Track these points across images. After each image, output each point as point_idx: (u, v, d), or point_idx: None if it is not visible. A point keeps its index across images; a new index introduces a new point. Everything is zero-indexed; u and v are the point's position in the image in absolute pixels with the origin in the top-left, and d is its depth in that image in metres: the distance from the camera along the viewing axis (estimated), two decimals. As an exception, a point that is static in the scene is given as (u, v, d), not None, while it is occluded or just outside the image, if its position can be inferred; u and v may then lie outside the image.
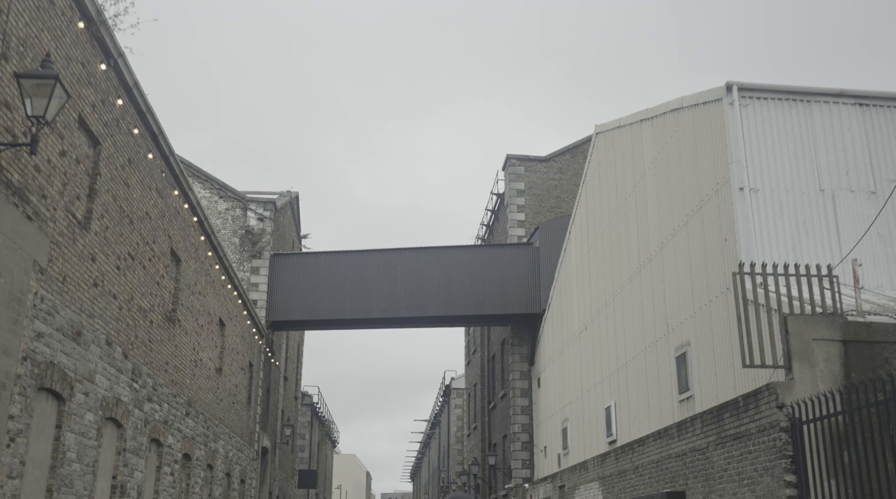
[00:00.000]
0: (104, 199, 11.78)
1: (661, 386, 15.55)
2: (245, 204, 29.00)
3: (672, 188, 15.51)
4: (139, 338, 13.60)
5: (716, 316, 13.13)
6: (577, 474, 19.42)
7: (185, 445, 16.72)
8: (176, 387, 16.03)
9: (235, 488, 22.66)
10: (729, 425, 10.89)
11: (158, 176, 14.51)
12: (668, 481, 13.17)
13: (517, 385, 27.99)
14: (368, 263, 27.98)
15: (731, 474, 10.78)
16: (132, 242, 13.09)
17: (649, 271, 16.61)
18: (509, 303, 27.21)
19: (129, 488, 13.09)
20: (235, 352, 22.34)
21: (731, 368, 12.40)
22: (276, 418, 31.49)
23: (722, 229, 13.07)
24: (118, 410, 12.48)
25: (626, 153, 18.62)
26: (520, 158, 30.92)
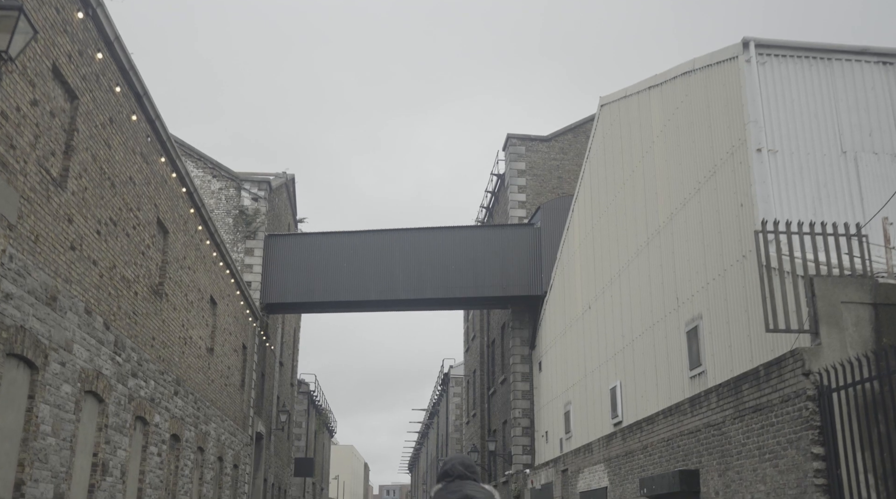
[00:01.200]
0: (82, 157, 11.06)
1: (670, 363, 14.87)
2: (239, 184, 28.27)
3: (682, 156, 14.80)
4: (122, 309, 12.90)
5: (731, 286, 12.45)
6: (581, 456, 18.76)
7: (173, 425, 16.04)
8: (163, 364, 15.34)
9: (228, 473, 22.00)
10: (748, 396, 10.21)
11: (143, 140, 13.79)
12: (681, 460, 12.51)
13: (518, 369, 27.31)
14: (365, 244, 27.26)
15: (751, 449, 10.10)
16: (114, 207, 12.38)
17: (657, 244, 15.92)
18: (510, 285, 26.51)
19: (111, 467, 12.41)
20: (228, 332, 21.65)
21: (748, 339, 11.72)
22: (272, 403, 30.82)
23: (738, 194, 12.37)
24: (99, 383, 11.79)
25: (632, 124, 17.90)
26: (521, 138, 30.19)
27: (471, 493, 4.62)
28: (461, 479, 4.75)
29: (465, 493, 4.63)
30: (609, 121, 19.76)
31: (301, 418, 47.17)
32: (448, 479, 4.80)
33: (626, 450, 15.42)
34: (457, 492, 4.66)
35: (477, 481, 4.79)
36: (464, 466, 4.82)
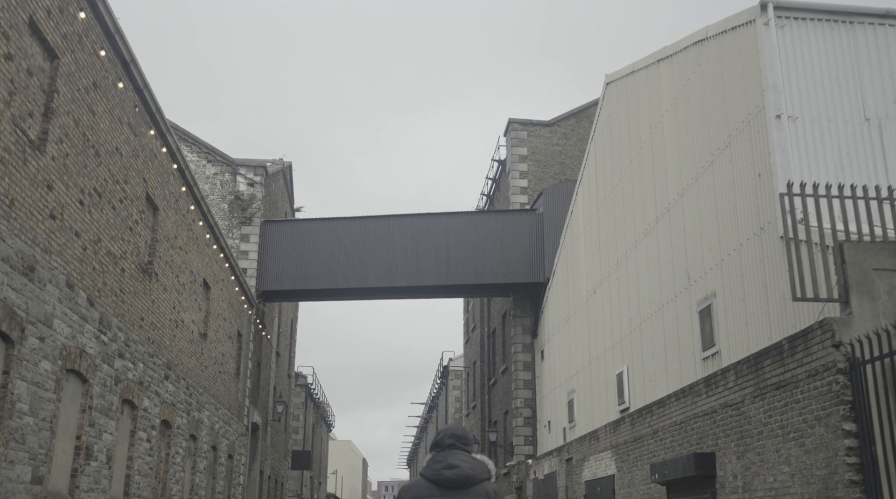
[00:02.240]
0: (63, 121, 10.43)
1: (681, 344, 14.27)
2: (235, 168, 27.64)
3: (694, 129, 14.19)
4: (108, 286, 12.28)
5: (747, 260, 11.84)
6: (587, 444, 18.16)
7: (164, 410, 15.43)
8: (153, 346, 14.72)
9: (223, 463, 21.40)
10: (770, 373, 9.61)
11: (130, 110, 13.16)
12: (695, 443, 11.91)
13: (519, 358, 26.71)
14: (364, 230, 26.63)
15: (773, 429, 9.50)
16: (98, 177, 11.75)
17: (667, 222, 15.31)
18: (511, 272, 25.90)
19: (96, 451, 11.79)
20: (222, 318, 21.03)
21: (766, 315, 11.11)
22: (268, 394, 30.22)
23: (755, 164, 11.76)
24: (82, 362, 11.17)
25: (640, 100, 17.28)
26: (522, 122, 29.56)
27: (455, 462, 4.43)
28: (450, 449, 4.55)
29: (450, 462, 4.44)
30: (615, 99, 19.14)
31: (299, 410, 46.57)
32: (438, 449, 4.61)
33: (634, 436, 14.82)
34: (442, 462, 4.47)
35: (469, 452, 4.57)
36: (454, 436, 4.61)
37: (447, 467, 4.44)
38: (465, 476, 4.40)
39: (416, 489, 4.49)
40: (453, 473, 4.41)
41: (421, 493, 4.46)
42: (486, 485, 4.44)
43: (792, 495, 8.96)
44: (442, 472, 4.43)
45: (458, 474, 4.40)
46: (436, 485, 4.44)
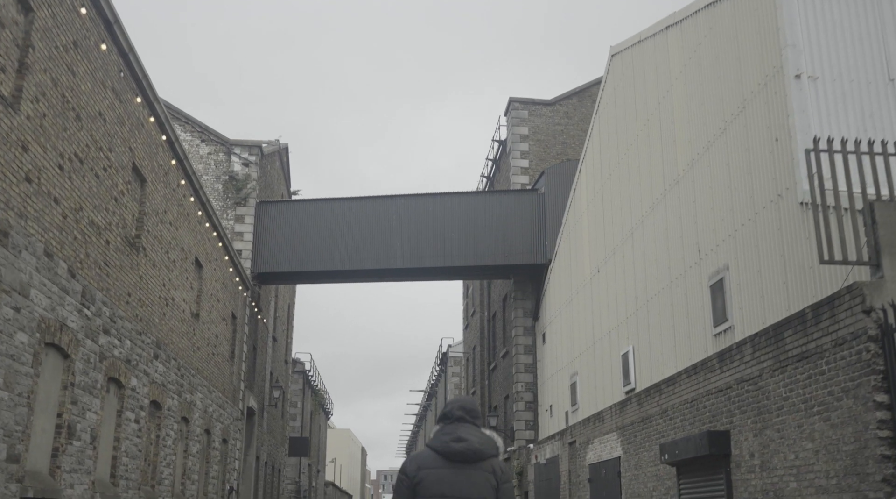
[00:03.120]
0: (39, 79, 9.82)
1: (690, 321, 13.71)
2: (229, 148, 26.99)
3: (705, 96, 13.58)
4: (91, 257, 11.68)
5: (762, 230, 11.26)
6: (591, 426, 17.62)
7: (153, 391, 14.86)
8: (141, 324, 14.14)
9: (217, 448, 20.86)
10: (791, 344, 9.04)
11: (115, 74, 12.53)
12: (707, 422, 11.35)
13: (520, 342, 26.16)
14: (361, 211, 26.02)
15: (795, 403, 8.94)
16: (80, 142, 11.14)
17: (676, 195, 14.72)
18: (512, 253, 25.30)
19: (79, 430, 11.23)
20: (216, 299, 20.45)
21: (783, 286, 10.54)
22: (264, 378, 29.67)
23: (772, 128, 11.16)
24: (63, 336, 10.59)
25: (647, 70, 16.66)
26: (523, 102, 28.91)
27: (464, 435, 4.31)
28: (459, 422, 4.43)
29: (459, 435, 4.32)
30: (620, 71, 18.51)
31: (296, 397, 46.05)
32: (447, 421, 4.48)
33: (642, 416, 14.27)
34: (450, 434, 4.34)
35: (477, 426, 4.46)
36: (463, 409, 4.48)
37: (456, 440, 4.29)
38: (473, 450, 4.26)
39: (421, 459, 4.34)
40: (462, 446, 4.27)
41: (427, 464, 4.31)
42: (493, 461, 4.31)
43: (816, 473, 8.41)
44: (450, 444, 4.29)
45: (467, 448, 4.26)
46: (443, 457, 4.29)
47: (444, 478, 4.25)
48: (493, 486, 4.25)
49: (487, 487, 4.23)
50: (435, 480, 4.25)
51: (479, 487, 4.22)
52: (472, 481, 4.22)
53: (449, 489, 4.22)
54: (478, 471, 4.24)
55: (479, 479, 4.24)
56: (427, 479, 4.24)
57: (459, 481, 4.23)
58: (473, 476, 4.24)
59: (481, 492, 4.22)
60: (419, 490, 4.24)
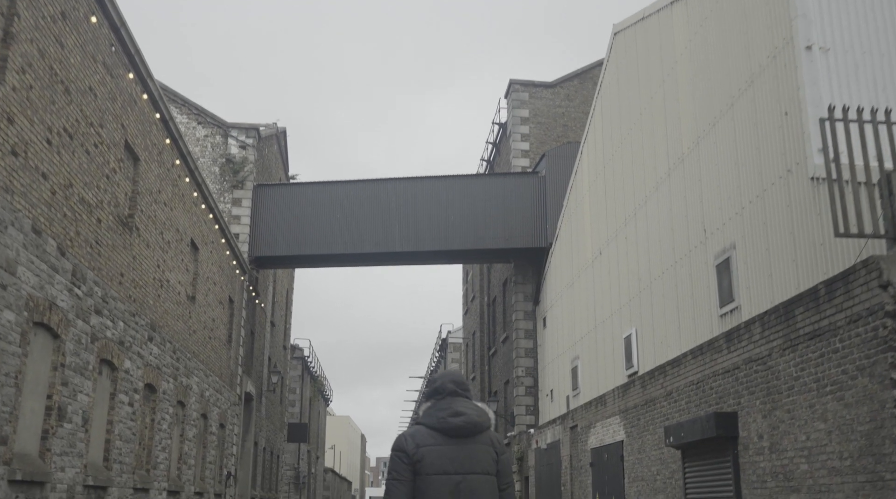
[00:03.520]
0: (25, 49, 9.49)
1: (695, 302, 13.43)
2: (226, 130, 26.65)
3: (712, 71, 13.25)
4: (82, 236, 11.38)
5: (772, 206, 10.96)
6: (593, 410, 17.38)
7: (147, 373, 14.60)
8: (135, 305, 13.86)
9: (214, 433, 20.62)
10: (803, 322, 8.76)
11: (106, 48, 12.19)
12: (714, 403, 11.08)
13: (521, 326, 25.90)
14: (360, 194, 25.70)
15: (806, 382, 8.66)
16: (69, 117, 10.81)
17: (681, 174, 14.41)
18: (513, 236, 25.00)
19: (70, 413, 10.95)
20: (212, 282, 20.17)
21: (793, 264, 10.25)
22: (262, 364, 29.44)
23: (781, 102, 10.84)
24: (53, 316, 10.30)
25: (651, 47, 16.32)
26: (524, 84, 28.54)
27: (460, 409, 4.15)
28: (452, 396, 4.25)
29: (456, 409, 4.15)
30: (623, 49, 18.16)
31: (295, 383, 45.87)
32: (438, 396, 4.29)
33: (646, 398, 14.01)
34: (446, 409, 4.16)
35: (469, 398, 4.31)
36: (455, 383, 4.32)
37: (453, 415, 4.14)
38: (472, 423, 4.14)
39: (418, 437, 4.15)
40: (461, 420, 4.12)
41: (425, 441, 4.12)
42: (490, 433, 4.22)
43: (829, 454, 8.14)
44: (448, 419, 4.13)
45: (466, 422, 4.12)
46: (440, 433, 4.13)
47: (445, 454, 4.08)
48: (493, 458, 4.15)
49: (488, 459, 4.13)
50: (436, 456, 4.07)
51: (482, 460, 4.10)
52: (474, 456, 4.10)
53: (452, 465, 4.07)
54: (478, 444, 4.13)
55: (480, 452, 4.12)
56: (428, 456, 4.07)
57: (462, 456, 4.09)
58: (474, 450, 4.11)
59: (484, 466, 4.10)
60: (420, 468, 4.07)
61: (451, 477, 4.03)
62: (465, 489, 4.01)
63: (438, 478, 4.03)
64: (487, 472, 4.09)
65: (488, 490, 4.07)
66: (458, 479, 4.02)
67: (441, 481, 4.02)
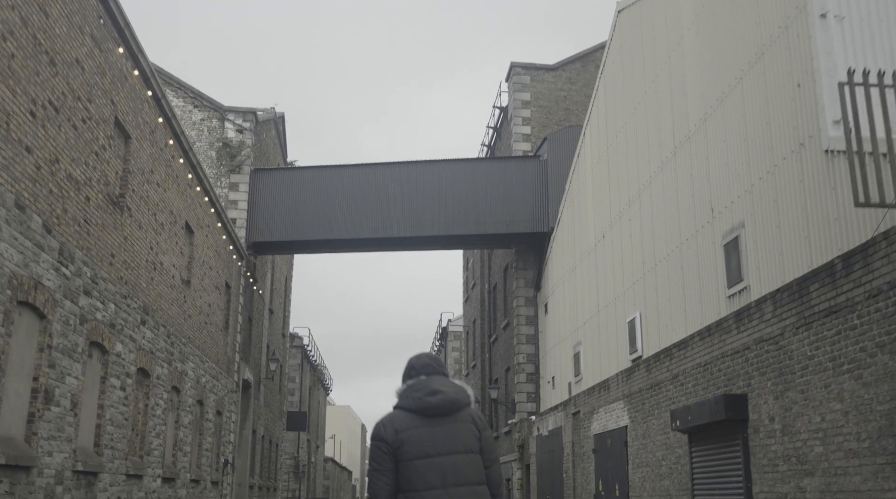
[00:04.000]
0: (6, 16, 9.09)
1: (702, 283, 13.06)
2: (223, 114, 26.25)
3: (719, 45, 12.85)
4: (69, 213, 11.01)
5: (783, 183, 10.58)
6: (596, 395, 17.04)
7: (140, 357, 14.25)
8: (127, 287, 13.50)
9: (210, 419, 20.29)
10: (818, 298, 8.40)
11: (94, 20, 11.79)
12: (722, 385, 10.73)
13: (522, 312, 25.55)
14: (359, 179, 25.32)
15: (821, 361, 8.30)
16: (55, 90, 10.43)
17: (687, 152, 14.03)
18: (514, 221, 24.64)
19: (57, 396, 10.60)
20: (208, 267, 19.81)
21: (805, 241, 9.89)
22: (261, 351, 29.10)
23: (793, 74, 10.45)
24: (38, 295, 9.94)
25: (656, 24, 15.91)
26: (525, 66, 28.12)
27: (438, 387, 4.01)
28: (428, 375, 4.14)
29: (432, 388, 4.01)
30: (628, 27, 17.74)
31: (294, 372, 45.58)
32: (413, 375, 4.16)
33: (650, 382, 13.67)
34: (422, 389, 4.03)
35: (446, 376, 4.19)
36: (430, 358, 4.23)
37: (430, 394, 4.00)
38: (450, 401, 4.00)
39: (396, 422, 4.01)
40: (438, 398, 3.98)
41: (404, 425, 3.98)
42: (470, 410, 4.08)
43: (845, 436, 7.79)
44: (424, 399, 3.99)
45: (444, 400, 3.98)
46: (419, 415, 3.99)
47: (425, 437, 3.93)
48: (475, 436, 4.01)
49: (471, 437, 3.99)
50: (417, 440, 3.93)
51: (463, 439, 3.97)
52: (456, 435, 3.96)
53: (434, 447, 3.91)
54: (458, 423, 3.99)
55: (461, 431, 3.98)
56: (408, 441, 3.93)
57: (442, 436, 3.94)
58: (455, 429, 3.97)
59: (466, 444, 3.96)
60: (401, 454, 3.92)
61: (433, 459, 3.89)
62: (450, 470, 3.88)
63: (421, 462, 3.89)
64: (471, 450, 3.95)
65: (473, 469, 3.93)
66: (442, 460, 3.88)
67: (424, 465, 3.88)
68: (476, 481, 3.91)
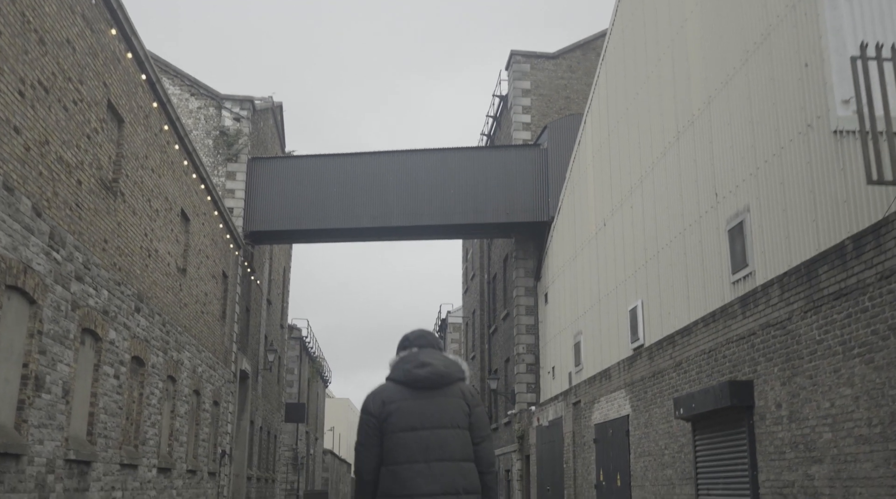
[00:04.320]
0: (-7, -9, 8.84)
1: (706, 270, 12.84)
2: (220, 102, 25.97)
3: (724, 26, 12.61)
4: (60, 197, 10.77)
5: (789, 165, 10.35)
6: (597, 384, 16.83)
7: (135, 346, 14.03)
8: (120, 274, 13.27)
9: (207, 410, 20.09)
10: (827, 281, 8.17)
11: (86, 0, 11.53)
12: (727, 372, 10.52)
13: (522, 302, 25.35)
14: (357, 167, 25.08)
15: (830, 346, 8.09)
16: (44, 69, 10.18)
17: (691, 137, 13.79)
18: (514, 210, 24.41)
19: (48, 383, 10.38)
20: (204, 255, 19.58)
21: (813, 224, 9.66)
22: (258, 342, 28.90)
23: (801, 53, 10.21)
24: (28, 280, 9.71)
25: (658, 6, 15.65)
26: (525, 55, 27.85)
27: (427, 360, 3.96)
28: (421, 347, 4.10)
29: (421, 360, 3.96)
30: (629, 11, 17.48)
31: (293, 364, 45.39)
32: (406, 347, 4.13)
33: (653, 370, 13.45)
34: (412, 361, 3.99)
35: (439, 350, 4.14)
36: (425, 332, 4.22)
37: (419, 366, 3.94)
38: (438, 374, 3.92)
39: (385, 394, 3.97)
40: (425, 371, 3.92)
41: (392, 397, 3.93)
42: (461, 385, 4.01)
43: (855, 422, 7.58)
44: (412, 371, 3.94)
45: (431, 372, 3.91)
46: (407, 387, 3.94)
47: (412, 409, 3.87)
48: (464, 411, 3.93)
49: (459, 412, 3.90)
50: (404, 412, 3.87)
51: (451, 413, 3.88)
52: (443, 409, 3.88)
53: (419, 420, 3.83)
54: (447, 397, 3.92)
55: (449, 405, 3.90)
56: (395, 413, 3.88)
57: (429, 410, 3.86)
58: (443, 403, 3.89)
59: (454, 419, 3.88)
60: (386, 427, 3.87)
61: (419, 432, 3.81)
62: (434, 444, 3.79)
63: (406, 435, 3.82)
64: (458, 425, 3.87)
65: (459, 445, 3.84)
66: (427, 434, 3.81)
67: (409, 438, 3.81)
68: (461, 458, 3.82)
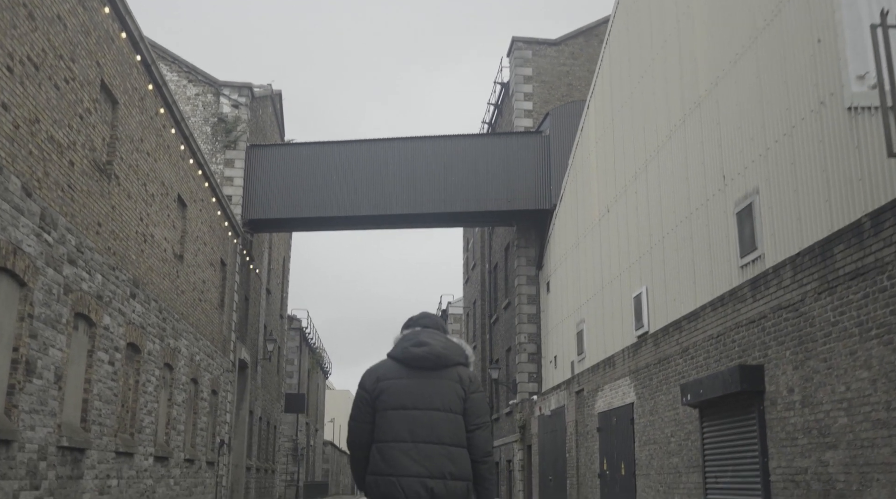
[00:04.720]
0: (-21, -38, 8.55)
1: (713, 254, 12.56)
2: (218, 89, 25.67)
3: (732, 5, 12.29)
4: (52, 177, 10.49)
5: (801, 144, 10.06)
6: (601, 373, 16.57)
7: (130, 332, 13.77)
8: (115, 258, 12.99)
9: (205, 399, 19.85)
10: (843, 260, 7.90)
11: (77, -24, 11.23)
12: (736, 357, 10.25)
13: (523, 291, 25.07)
14: (357, 155, 24.78)
15: (847, 327, 7.82)
16: (33, 45, 9.88)
17: (697, 119, 13.49)
18: (515, 198, 24.12)
19: (40, 368, 10.12)
20: (202, 242, 19.30)
21: (826, 204, 9.38)
22: (258, 331, 28.65)
23: (813, 29, 9.91)
24: (18, 261, 9.44)
25: (664, -13, 15.32)
26: (527, 41, 27.51)
27: (426, 339, 3.91)
28: (423, 327, 4.04)
29: (420, 339, 3.92)
30: (634, -7, 17.14)
31: (293, 354, 45.18)
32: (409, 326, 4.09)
33: (659, 357, 13.19)
34: (411, 339, 3.95)
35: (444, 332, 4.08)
36: (430, 314, 4.18)
37: (416, 345, 3.89)
38: (435, 354, 3.84)
39: (381, 370, 3.94)
40: (423, 350, 3.86)
41: (387, 374, 3.90)
42: (460, 369, 3.91)
43: (873, 406, 7.32)
44: (410, 349, 3.89)
45: (428, 353, 3.84)
46: (404, 365, 3.89)
47: (405, 388, 3.80)
48: (460, 396, 3.82)
49: (453, 396, 3.80)
50: (396, 391, 3.80)
51: (444, 396, 3.78)
52: (437, 390, 3.79)
53: (410, 400, 3.77)
54: (442, 380, 3.83)
55: (443, 388, 3.80)
56: (388, 390, 3.83)
57: (422, 390, 3.78)
58: (438, 385, 3.81)
59: (446, 402, 3.77)
60: (378, 404, 3.81)
61: (408, 412, 3.74)
62: (423, 425, 3.71)
63: (395, 413, 3.76)
64: (450, 409, 3.77)
65: (450, 429, 3.73)
66: (417, 414, 3.73)
67: (398, 416, 3.74)
68: (451, 442, 3.71)
